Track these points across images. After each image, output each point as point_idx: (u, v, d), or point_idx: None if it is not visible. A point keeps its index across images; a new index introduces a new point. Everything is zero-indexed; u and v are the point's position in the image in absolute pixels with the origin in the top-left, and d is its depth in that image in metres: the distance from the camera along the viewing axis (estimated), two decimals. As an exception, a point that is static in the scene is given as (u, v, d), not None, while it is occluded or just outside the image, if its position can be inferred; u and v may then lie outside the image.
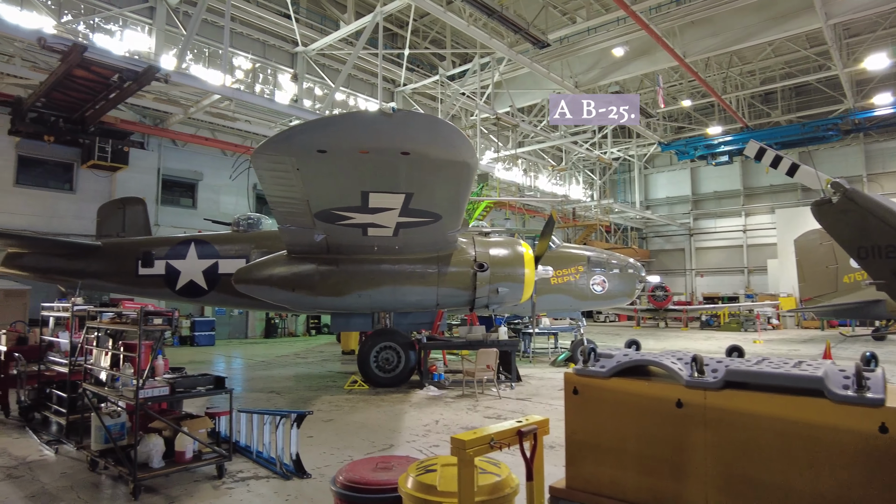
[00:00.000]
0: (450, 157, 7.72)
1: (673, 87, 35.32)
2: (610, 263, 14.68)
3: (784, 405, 2.40)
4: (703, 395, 2.62)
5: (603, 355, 3.11)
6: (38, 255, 12.90)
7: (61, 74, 15.86)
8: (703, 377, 2.67)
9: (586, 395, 3.02)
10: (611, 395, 2.94)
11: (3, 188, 18.66)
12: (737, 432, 2.51)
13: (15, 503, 5.26)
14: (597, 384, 2.98)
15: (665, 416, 2.72)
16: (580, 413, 3.04)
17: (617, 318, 39.40)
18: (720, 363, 2.76)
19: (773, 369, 2.53)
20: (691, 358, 2.82)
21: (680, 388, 2.72)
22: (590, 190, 45.98)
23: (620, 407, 2.90)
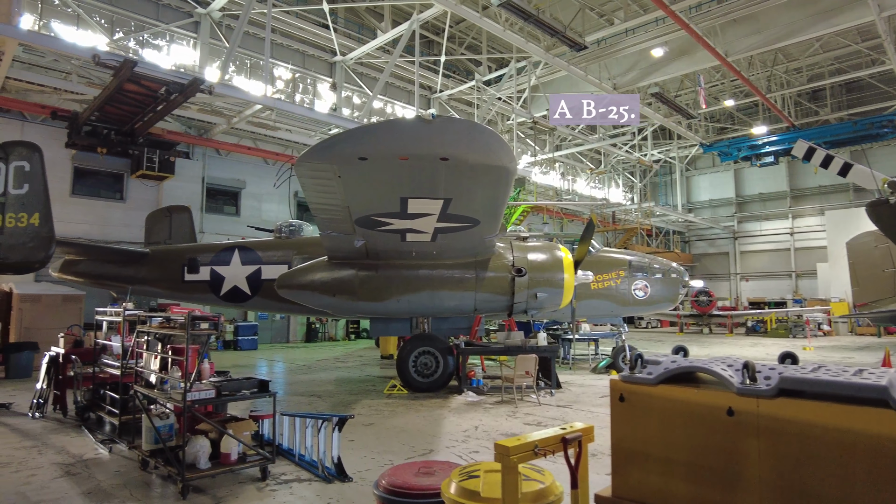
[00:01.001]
0: (489, 162, 7.72)
1: (715, 86, 34.47)
2: (652, 268, 14.38)
3: (844, 415, 2.30)
4: (756, 404, 2.53)
5: (650, 362, 3.04)
6: (91, 262, 13.45)
7: (113, 89, 16.56)
8: (756, 384, 2.58)
9: (633, 402, 2.96)
10: (658, 402, 2.86)
11: (61, 199, 19.51)
12: (792, 442, 2.41)
13: (73, 499, 5.47)
14: (644, 391, 2.92)
15: (715, 424, 2.64)
16: (627, 420, 2.98)
17: (659, 323, 38.54)
18: (773, 370, 2.66)
19: (831, 377, 2.42)
20: (742, 364, 2.74)
21: (731, 395, 2.63)
22: (630, 193, 45.23)
23: (668, 414, 2.82)
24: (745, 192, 44.90)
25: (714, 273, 45.47)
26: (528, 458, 2.83)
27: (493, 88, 29.10)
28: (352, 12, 27.01)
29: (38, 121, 19.50)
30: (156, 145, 21.25)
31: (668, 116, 34.17)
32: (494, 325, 19.28)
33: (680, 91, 33.65)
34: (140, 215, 18.35)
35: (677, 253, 42.89)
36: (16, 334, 14.81)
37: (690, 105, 34.35)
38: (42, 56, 18.43)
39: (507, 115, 31.56)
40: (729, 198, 45.42)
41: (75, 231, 19.35)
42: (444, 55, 25.62)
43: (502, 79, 28.81)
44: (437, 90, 29.95)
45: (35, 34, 16.64)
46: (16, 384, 12.92)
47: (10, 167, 9.41)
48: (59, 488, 5.75)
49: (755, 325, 32.40)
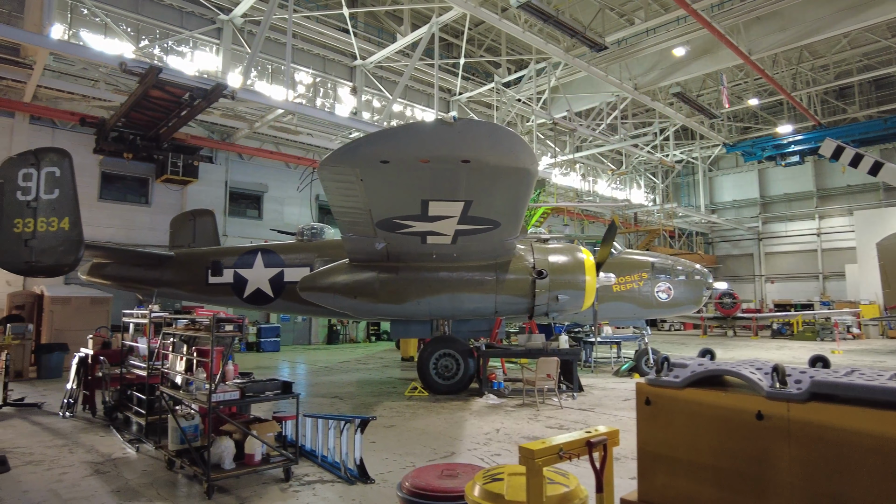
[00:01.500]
0: (510, 164, 7.71)
1: (738, 85, 33.97)
2: (675, 270, 14.20)
3: (880, 420, 2.24)
4: (787, 408, 2.48)
5: (676, 365, 3.00)
6: (118, 265, 13.71)
7: (139, 95, 16.90)
8: (786, 388, 2.53)
9: (659, 405, 2.92)
10: (685, 405, 2.82)
11: (89, 203, 19.94)
12: (825, 448, 2.36)
13: (102, 497, 5.58)
14: (670, 394, 2.88)
15: (744, 428, 2.59)
16: (652, 424, 2.94)
17: (682, 326, 38.02)
18: (804, 374, 2.61)
19: (866, 381, 2.36)
20: (772, 368, 2.68)
21: (760, 399, 2.58)
22: (652, 194, 44.76)
23: (695, 418, 2.78)
24: (770, 192, 44.13)
25: (738, 275, 44.74)
26: (553, 461, 2.82)
27: (512, 90, 29.04)
28: (371, 16, 27.20)
29: (68, 127, 19.98)
30: (180, 150, 21.62)
31: (690, 116, 33.74)
32: (515, 328, 19.20)
33: (702, 90, 33.23)
34: (165, 219, 18.71)
35: (700, 254, 42.31)
36: (47, 336, 15.17)
37: (713, 104, 33.88)
38: (71, 64, 18.89)
39: (527, 117, 31.47)
40: (753, 198, 44.69)
41: (102, 235, 19.75)
42: (463, 57, 25.65)
43: (522, 80, 28.75)
44: (456, 93, 30.00)
45: (65, 43, 17.07)
46: (47, 384, 13.23)
47: (42, 173, 9.66)
48: (89, 486, 5.87)
49: (781, 327, 31.79)
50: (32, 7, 16.01)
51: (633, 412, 9.60)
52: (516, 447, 7.56)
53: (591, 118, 33.18)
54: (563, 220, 34.78)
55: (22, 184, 9.60)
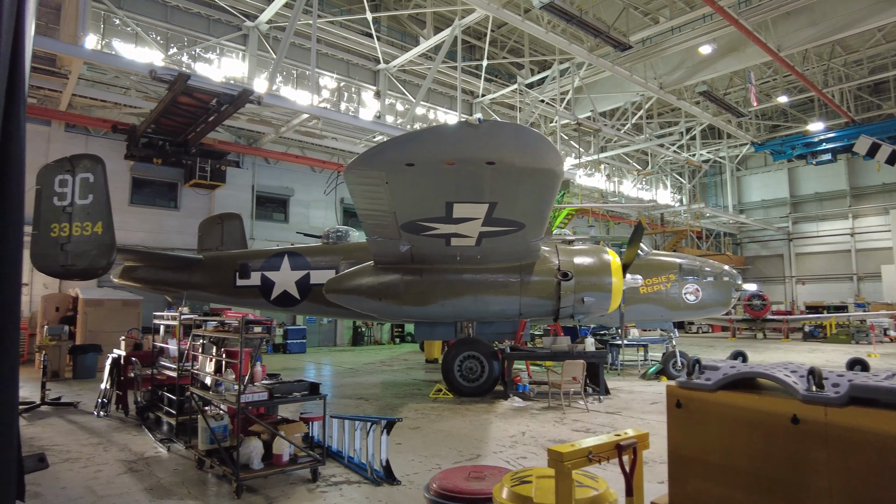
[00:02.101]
0: (536, 165, 7.67)
1: (766, 83, 33.32)
2: (703, 271, 13.96)
3: (924, 425, 2.17)
4: (824, 412, 2.42)
5: (708, 367, 2.95)
6: (149, 268, 14.02)
7: (168, 102, 17.27)
8: (823, 392, 2.47)
9: (690, 408, 2.87)
10: (717, 408, 2.77)
11: (120, 207, 20.44)
12: (865, 454, 2.29)
13: (136, 494, 5.71)
14: (702, 397, 2.83)
15: (779, 432, 2.54)
16: (684, 427, 2.90)
17: (710, 328, 37.35)
18: (842, 377, 2.54)
19: (908, 385, 2.29)
20: (807, 370, 2.62)
21: (796, 402, 2.52)
22: (678, 194, 44.12)
23: (728, 422, 2.73)
24: (801, 191, 43.14)
25: (768, 276, 43.81)
26: (582, 464, 2.79)
27: (535, 91, 28.92)
28: (394, 20, 27.37)
29: (101, 134, 20.51)
30: (208, 155, 22.03)
31: (717, 115, 33.19)
32: (540, 330, 19.09)
33: (729, 89, 32.65)
34: (193, 223, 19.07)
35: (729, 255, 41.52)
36: (81, 337, 15.56)
37: (740, 103, 33.29)
38: (104, 73, 19.40)
39: (550, 118, 31.30)
40: (783, 198, 43.74)
41: (133, 238, 20.21)
42: (485, 59, 25.65)
43: (545, 81, 28.62)
44: (479, 95, 29.99)
45: (98, 53, 17.55)
46: (82, 384, 13.58)
47: (77, 179, 9.93)
48: (123, 484, 6.01)
49: (813, 330, 31.00)
50: (68, 19, 16.49)
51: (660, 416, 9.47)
52: (542, 450, 7.53)
53: (616, 118, 32.89)
54: (588, 221, 34.50)
55: (58, 189, 9.89)
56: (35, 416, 9.68)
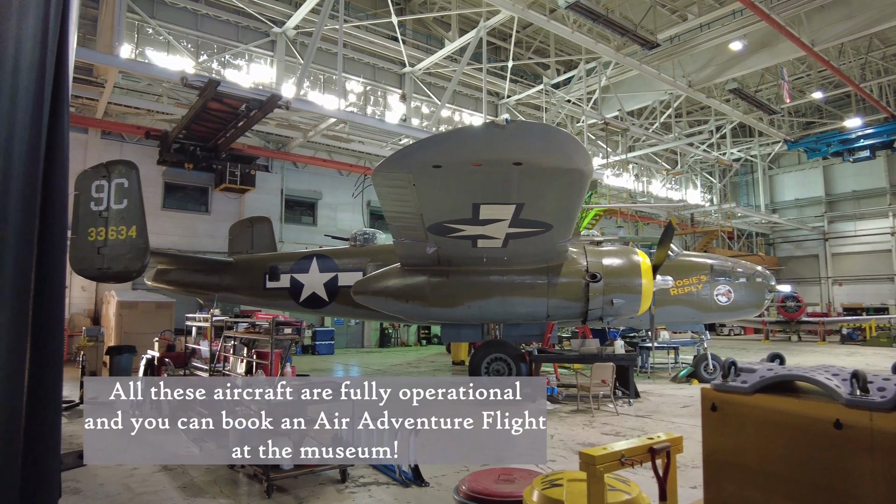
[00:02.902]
0: (564, 165, 7.61)
1: (800, 79, 32.45)
2: (735, 272, 13.67)
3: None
4: (869, 417, 2.34)
5: (744, 369, 2.88)
6: (181, 271, 14.32)
7: (199, 108, 17.64)
8: (868, 396, 2.38)
9: (726, 411, 2.81)
10: (754, 412, 2.70)
11: (154, 212, 20.91)
12: (914, 460, 2.21)
13: (170, 492, 5.83)
14: (738, 400, 2.76)
15: (820, 437, 2.46)
16: (719, 431, 2.83)
17: (742, 331, 36.53)
18: (888, 381, 2.45)
19: (959, 389, 2.20)
20: (851, 374, 2.53)
21: (838, 407, 2.44)
22: (709, 194, 43.30)
23: (766, 426, 2.66)
24: (836, 189, 41.89)
25: (802, 277, 42.65)
26: (615, 467, 2.75)
27: (561, 91, 28.72)
28: (420, 23, 27.48)
29: (135, 141, 21.05)
30: (237, 160, 22.43)
31: (748, 113, 32.48)
32: (567, 333, 18.91)
33: (761, 85, 31.94)
34: (224, 226, 19.41)
35: (761, 256, 40.55)
36: (117, 338, 15.96)
37: (772, 100, 32.49)
38: (137, 81, 19.91)
39: (577, 118, 31.03)
40: (817, 196, 42.53)
41: (165, 242, 20.64)
42: (511, 60, 25.57)
43: (571, 81, 28.40)
44: (504, 96, 29.91)
45: (133, 62, 18.04)
46: (117, 385, 13.89)
47: (112, 184, 10.19)
48: (158, 482, 6.14)
49: (851, 332, 30.07)
50: (104, 30, 16.98)
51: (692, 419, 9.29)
52: (571, 453, 7.45)
53: (644, 117, 32.46)
54: (616, 221, 34.08)
55: (95, 195, 10.16)
56: (74, 415, 9.96)
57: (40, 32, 2.40)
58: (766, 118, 34.11)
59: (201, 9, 22.20)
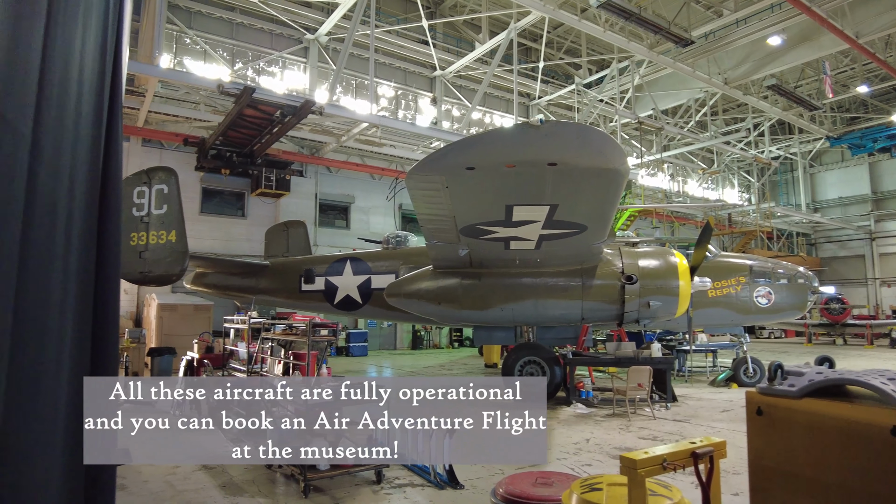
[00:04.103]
0: (599, 165, 7.51)
1: (843, 73, 31.36)
2: (776, 273, 13.28)
3: None
4: (928, 423, 2.24)
5: (791, 373, 2.79)
6: (219, 274, 14.64)
7: (235, 114, 18.03)
8: (926, 401, 2.28)
9: (773, 416, 2.72)
10: (803, 417, 2.61)
11: (192, 217, 21.39)
12: (978, 469, 2.10)
13: (210, 490, 5.97)
14: (786, 405, 2.67)
15: (877, 444, 2.36)
16: (766, 436, 2.75)
17: (784, 333, 35.44)
18: (948, 385, 2.34)
19: None
20: (907, 378, 2.43)
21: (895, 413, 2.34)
22: (746, 193, 42.20)
23: (816, 431, 2.57)
24: (884, 187, 40.30)
25: (847, 278, 41.16)
26: (656, 472, 2.69)
27: (594, 91, 28.40)
28: (450, 26, 27.55)
29: (173, 148, 21.64)
30: (273, 165, 22.86)
31: (788, 109, 31.55)
32: (602, 336, 18.67)
33: (801, 81, 30.94)
34: (260, 230, 19.78)
35: (803, 256, 39.30)
36: (157, 339, 16.41)
37: (813, 95, 31.49)
38: (176, 90, 20.47)
39: (610, 117, 30.64)
40: (863, 195, 41.00)
41: (203, 246, 21.13)
42: (542, 61, 25.41)
43: (603, 80, 28.07)
44: (535, 97, 29.74)
45: (172, 71, 18.56)
46: (158, 385, 14.27)
47: (153, 190, 10.49)
48: (199, 480, 6.28)
49: (902, 335, 28.87)
50: (145, 41, 17.49)
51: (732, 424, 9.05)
52: (608, 457, 7.34)
53: (679, 116, 31.85)
54: (651, 222, 33.50)
55: (136, 200, 10.46)
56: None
57: (100, 47, 2.52)
58: (807, 114, 33.08)
59: (236, 18, 22.70)
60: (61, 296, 2.50)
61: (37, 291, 2.43)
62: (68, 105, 2.48)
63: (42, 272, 2.45)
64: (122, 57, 2.81)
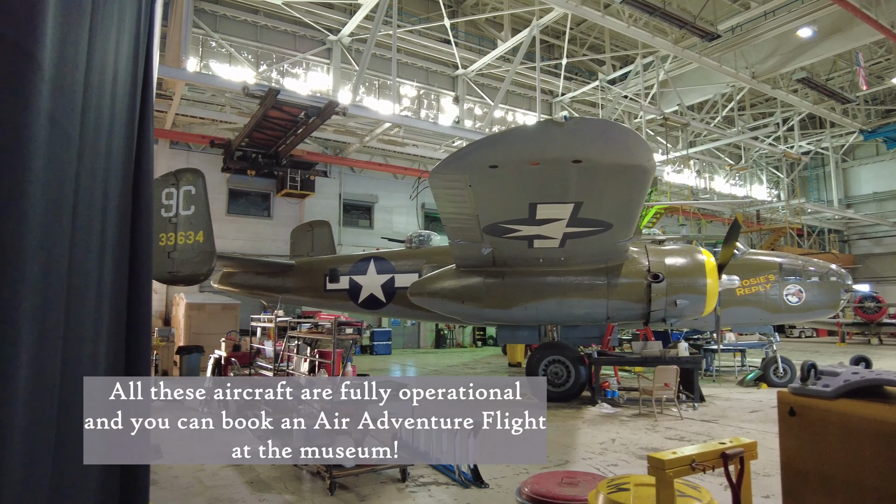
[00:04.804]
0: (625, 162, 7.43)
1: (877, 64, 30.42)
2: (807, 271, 12.97)
3: None
4: (970, 424, 2.16)
5: (825, 373, 2.72)
6: (245, 274, 14.86)
7: (260, 116, 18.27)
8: (969, 402, 2.21)
9: (806, 417, 2.66)
10: (838, 418, 2.55)
11: (219, 217, 21.78)
12: None
13: (238, 486, 6.06)
14: (820, 405, 2.61)
15: (916, 446, 2.29)
16: (799, 437, 2.69)
17: (815, 333, 34.59)
18: None
19: None
20: (948, 378, 2.36)
21: (934, 413, 2.27)
22: (775, 189, 41.29)
23: (852, 433, 2.50)
24: (922, 182, 39.06)
25: (882, 276, 39.96)
26: (685, 472, 2.65)
27: (618, 87, 28.09)
28: (472, 25, 27.50)
29: (200, 150, 22.02)
30: (297, 166, 23.12)
31: (819, 103, 30.77)
32: (628, 335, 18.46)
33: (832, 73, 30.15)
34: (285, 230, 20.04)
35: (835, 254, 38.25)
36: (186, 338, 16.72)
37: (846, 88, 30.68)
38: (202, 93, 20.83)
39: (635, 114, 30.26)
40: (900, 190, 39.79)
41: (230, 246, 21.47)
42: (565, 58, 25.21)
43: (628, 76, 27.73)
44: (558, 94, 29.52)
45: (199, 74, 18.87)
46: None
47: (181, 191, 10.67)
48: (227, 476, 6.38)
49: (940, 335, 27.96)
50: (172, 45, 17.84)
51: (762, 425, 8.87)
52: (634, 458, 7.26)
53: (705, 111, 31.32)
54: (678, 219, 32.99)
55: (165, 202, 10.66)
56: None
57: (133, 52, 2.60)
58: (840, 108, 32.21)
59: (260, 20, 22.99)
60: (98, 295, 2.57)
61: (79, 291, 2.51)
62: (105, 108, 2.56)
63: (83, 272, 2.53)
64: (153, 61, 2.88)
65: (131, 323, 2.62)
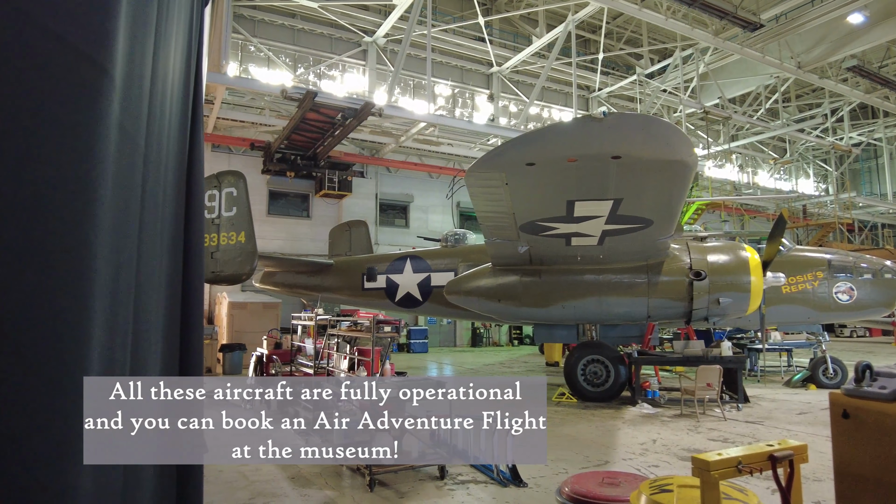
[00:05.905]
0: (665, 157, 7.28)
1: (935, 50, 29.01)
2: (859, 268, 12.47)
3: None
4: None
5: (882, 374, 2.62)
6: (286, 273, 15.17)
7: (298, 119, 18.61)
8: None
9: (861, 419, 2.57)
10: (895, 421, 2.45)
11: (259, 218, 22.24)
12: None
13: (281, 482, 6.20)
14: (876, 408, 2.51)
15: (980, 451, 2.19)
16: (853, 441, 2.59)
17: (868, 332, 33.18)
18: None
19: None
20: None
21: None
22: (823, 183, 39.79)
23: (910, 437, 2.40)
24: (984, 172, 37.01)
25: (941, 273, 38.00)
26: (730, 474, 2.59)
27: (656, 81, 27.52)
28: (506, 22, 27.36)
29: (241, 152, 22.57)
30: (335, 167, 23.50)
31: (871, 92, 29.49)
32: (669, 334, 18.09)
33: (886, 60, 28.82)
34: (324, 230, 20.34)
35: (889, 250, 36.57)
36: (228, 336, 17.16)
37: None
38: (242, 96, 21.33)
39: (674, 108, 29.63)
40: (959, 181, 37.79)
41: (271, 246, 21.92)
42: (601, 52, 24.83)
43: (666, 70, 27.15)
44: (595, 89, 29.12)
45: (238, 79, 19.36)
46: (230, 380, 14.96)
47: (223, 193, 10.95)
48: (269, 472, 6.53)
49: None
50: (213, 51, 18.30)
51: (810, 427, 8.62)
52: (676, 459, 7.13)
53: (748, 104, 30.40)
54: (720, 216, 32.14)
55: (208, 204, 10.95)
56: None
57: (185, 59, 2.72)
58: (893, 96, 30.81)
59: (297, 24, 23.38)
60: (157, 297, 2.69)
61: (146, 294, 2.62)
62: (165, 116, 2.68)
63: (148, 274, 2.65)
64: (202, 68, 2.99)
65: (185, 322, 2.72)
